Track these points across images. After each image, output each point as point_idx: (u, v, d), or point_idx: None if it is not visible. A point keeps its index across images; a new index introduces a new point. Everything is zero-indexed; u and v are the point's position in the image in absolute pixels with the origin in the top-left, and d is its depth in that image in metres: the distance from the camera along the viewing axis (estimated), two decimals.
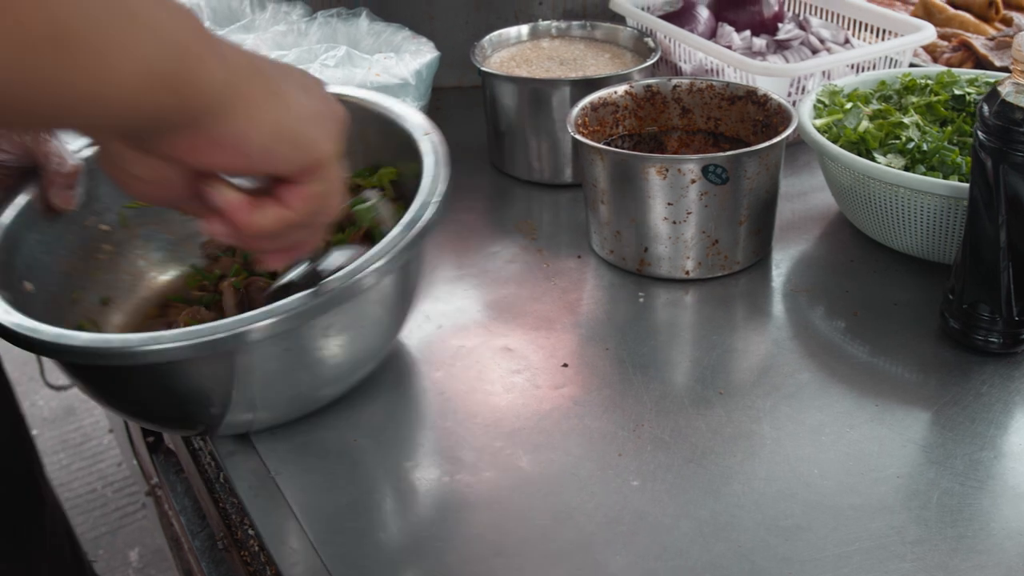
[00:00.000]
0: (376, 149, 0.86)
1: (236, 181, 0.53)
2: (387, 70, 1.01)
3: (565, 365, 0.82)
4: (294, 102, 0.51)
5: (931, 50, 1.33)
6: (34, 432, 2.58)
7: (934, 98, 1.00)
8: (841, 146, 0.94)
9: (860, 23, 1.29)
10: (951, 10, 1.44)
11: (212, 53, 0.46)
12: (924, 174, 0.88)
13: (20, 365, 2.81)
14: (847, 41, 1.27)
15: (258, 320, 0.62)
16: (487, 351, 0.84)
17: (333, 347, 0.70)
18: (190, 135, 0.46)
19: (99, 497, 2.39)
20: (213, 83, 0.46)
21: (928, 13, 1.44)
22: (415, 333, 0.86)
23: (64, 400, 2.67)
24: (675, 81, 1.02)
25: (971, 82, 1.02)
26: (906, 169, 0.90)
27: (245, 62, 0.49)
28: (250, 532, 0.69)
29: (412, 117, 0.83)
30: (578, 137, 0.91)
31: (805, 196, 1.08)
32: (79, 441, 2.55)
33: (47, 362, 2.17)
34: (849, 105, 1.01)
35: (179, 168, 0.50)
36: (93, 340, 0.63)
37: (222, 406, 0.69)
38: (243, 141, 0.48)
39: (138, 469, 1.64)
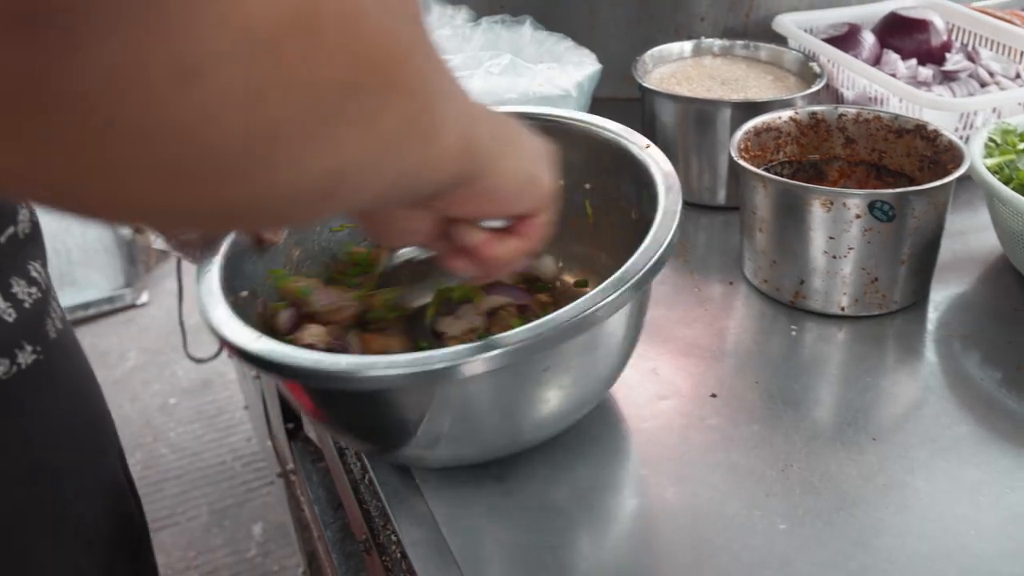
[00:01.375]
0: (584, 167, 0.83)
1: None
2: (550, 81, 1.02)
3: (713, 395, 0.80)
4: (524, 146, 0.54)
5: None
6: (172, 401, 2.70)
7: None
8: (1013, 188, 0.89)
9: None
10: None
11: (480, 110, 0.48)
12: None
13: (164, 336, 2.95)
14: (1018, 76, 1.20)
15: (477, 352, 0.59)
16: (635, 373, 0.83)
17: (551, 389, 0.67)
18: (458, 192, 0.49)
19: (228, 469, 2.47)
20: (486, 143, 0.49)
21: None
22: None
23: (203, 372, 2.77)
24: (841, 110, 0.99)
25: None
26: None
27: (488, 115, 0.51)
28: (393, 539, 0.70)
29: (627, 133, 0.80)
30: (741, 163, 0.90)
31: (966, 235, 1.03)
32: (213, 413, 2.65)
33: (191, 335, 2.25)
34: (1022, 145, 0.96)
35: (435, 217, 0.54)
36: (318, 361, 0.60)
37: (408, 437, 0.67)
38: (498, 192, 0.52)
39: (271, 450, 1.69)
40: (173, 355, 2.85)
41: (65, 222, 3.06)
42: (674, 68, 1.16)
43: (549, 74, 1.02)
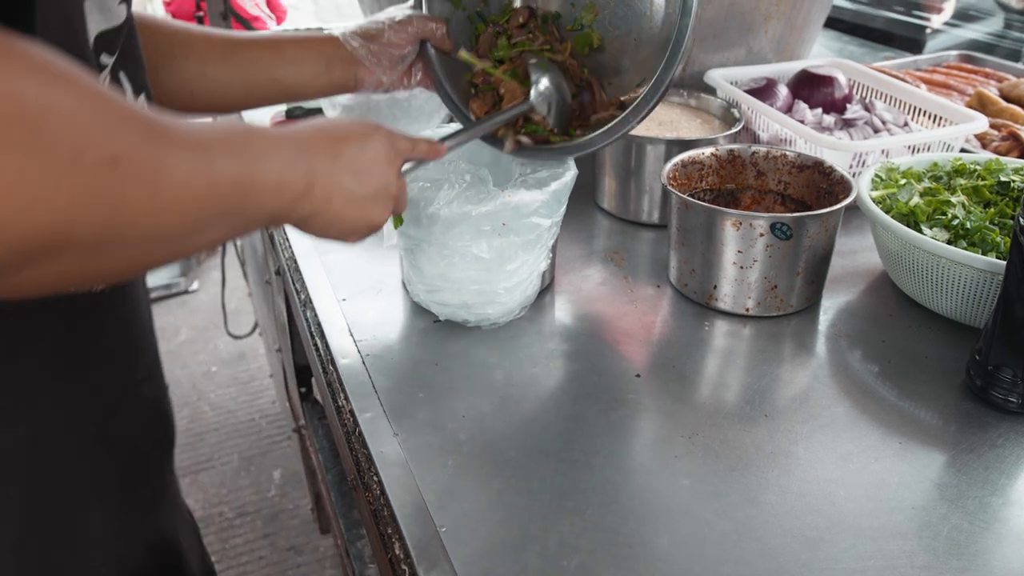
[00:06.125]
0: None
1: None
2: None
3: (638, 375, 0.80)
4: (342, 200, 0.60)
5: (981, 137, 1.26)
6: (214, 368, 2.69)
7: (981, 182, 0.94)
8: (892, 216, 0.89)
9: (919, 110, 1.23)
10: (1003, 103, 1.36)
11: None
12: (965, 249, 0.83)
13: (210, 316, 2.94)
14: (906, 124, 1.21)
15: None
16: (576, 356, 0.83)
17: None
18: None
19: (255, 425, 2.46)
20: (300, 211, 0.58)
21: (982, 104, 1.36)
22: (524, 333, 0.86)
23: (239, 347, 2.76)
24: (753, 148, 0.99)
25: (1017, 171, 0.96)
26: (949, 243, 0.85)
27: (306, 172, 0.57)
28: (375, 478, 0.69)
29: None
30: (670, 189, 0.90)
31: (855, 254, 1.04)
32: (246, 380, 2.64)
33: (230, 316, 2.24)
34: (903, 181, 0.96)
35: None
36: None
37: None
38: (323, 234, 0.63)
39: (288, 409, 1.69)
40: (216, 332, 2.84)
41: None
42: None
43: None
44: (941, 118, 1.18)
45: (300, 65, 0.82)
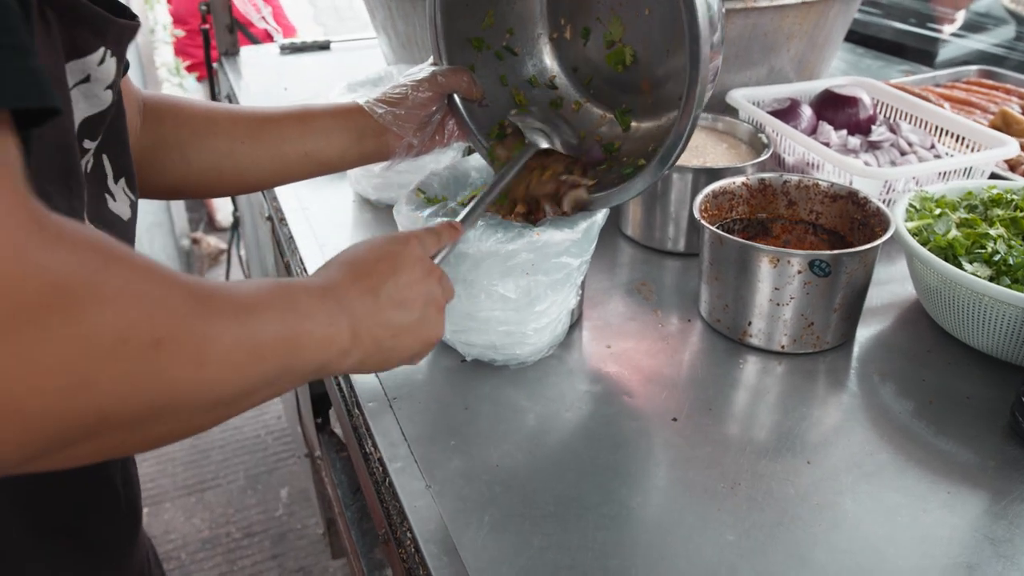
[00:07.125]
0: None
1: None
2: None
3: (674, 419, 0.78)
4: (392, 336, 0.60)
5: (1009, 159, 1.24)
6: None
7: (1019, 213, 0.91)
8: (930, 250, 0.87)
9: (945, 131, 1.20)
10: None
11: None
12: (1008, 286, 0.81)
13: None
14: (933, 146, 1.18)
15: None
16: (610, 397, 0.80)
17: None
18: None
19: (261, 442, 2.43)
20: (349, 360, 0.57)
21: (1006, 124, 1.33)
22: (554, 373, 0.84)
23: None
24: (785, 177, 0.97)
25: None
26: (991, 279, 0.82)
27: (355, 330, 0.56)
28: (408, 535, 0.67)
29: None
30: (703, 223, 0.87)
31: (887, 285, 1.01)
32: None
33: None
34: (938, 211, 0.93)
35: None
36: None
37: None
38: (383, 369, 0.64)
39: (300, 434, 1.65)
40: None
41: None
42: None
43: None
44: (967, 140, 1.16)
45: (330, 138, 0.80)
